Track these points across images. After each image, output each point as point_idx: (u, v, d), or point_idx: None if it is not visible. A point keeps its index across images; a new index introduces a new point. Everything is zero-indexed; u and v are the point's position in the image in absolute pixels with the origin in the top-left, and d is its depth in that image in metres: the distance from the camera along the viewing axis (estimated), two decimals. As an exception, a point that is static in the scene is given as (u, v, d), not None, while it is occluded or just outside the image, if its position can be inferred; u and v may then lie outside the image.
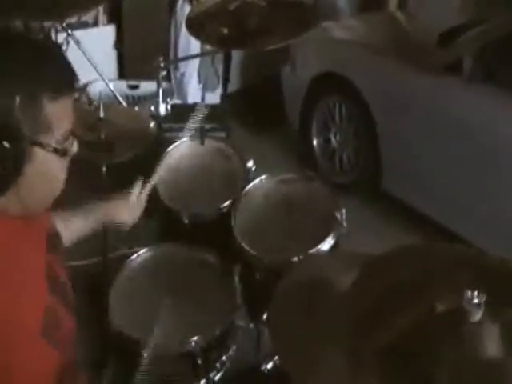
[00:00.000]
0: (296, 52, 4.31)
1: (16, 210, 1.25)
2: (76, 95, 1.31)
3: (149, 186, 1.96)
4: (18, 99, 1.14)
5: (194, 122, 2.16)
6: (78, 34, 3.69)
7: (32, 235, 1.33)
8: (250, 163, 2.40)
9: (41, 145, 1.19)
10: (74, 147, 1.30)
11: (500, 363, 1.17)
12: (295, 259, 2.02)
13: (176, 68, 4.69)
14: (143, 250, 2.14)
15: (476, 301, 1.21)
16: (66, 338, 1.32)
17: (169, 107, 2.79)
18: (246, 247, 2.10)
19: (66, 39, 3.60)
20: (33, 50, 1.23)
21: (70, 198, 1.59)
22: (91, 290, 2.05)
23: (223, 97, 4.71)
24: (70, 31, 3.53)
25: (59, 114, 1.21)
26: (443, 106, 3.52)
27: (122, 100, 3.48)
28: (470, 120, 3.42)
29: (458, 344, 1.20)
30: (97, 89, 4.24)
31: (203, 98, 4.75)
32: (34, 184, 1.23)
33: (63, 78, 1.24)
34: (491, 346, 1.20)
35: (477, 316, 1.21)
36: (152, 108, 2.77)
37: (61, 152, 1.23)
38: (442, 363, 1.19)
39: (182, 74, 4.69)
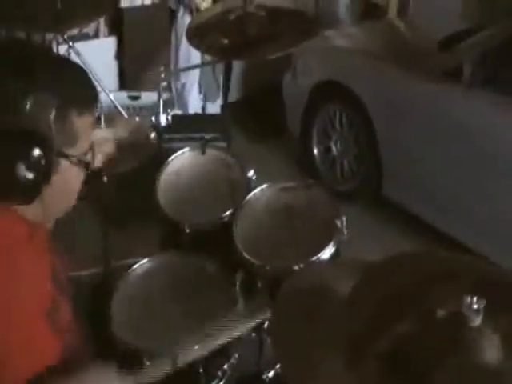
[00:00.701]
0: (297, 60, 4.33)
1: (38, 217, 1.34)
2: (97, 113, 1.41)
3: None
4: (53, 112, 1.24)
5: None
6: (79, 45, 3.71)
7: (36, 238, 1.36)
8: (251, 172, 2.41)
9: (67, 156, 1.29)
10: (97, 161, 1.43)
11: (499, 368, 1.17)
12: (296, 267, 2.03)
13: (177, 78, 4.71)
14: (144, 260, 2.14)
15: (475, 306, 1.22)
16: (65, 326, 1.36)
17: (169, 118, 2.79)
18: (247, 256, 2.11)
19: (68, 51, 3.61)
20: (59, 65, 1.34)
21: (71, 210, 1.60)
22: (93, 300, 2.05)
23: (224, 107, 4.73)
24: (71, 43, 3.55)
25: (84, 128, 1.32)
26: (443, 111, 3.53)
27: (122, 111, 3.49)
28: (470, 125, 3.43)
29: (458, 349, 1.21)
30: (98, 100, 4.26)
31: (204, 109, 4.78)
32: (57, 193, 1.32)
33: (89, 95, 1.35)
34: (490, 351, 1.20)
35: (476, 321, 1.22)
36: (153, 118, 2.78)
37: (83, 164, 1.33)
38: (442, 369, 1.19)
39: (183, 85, 4.70)
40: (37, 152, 1.22)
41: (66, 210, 1.43)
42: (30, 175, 1.22)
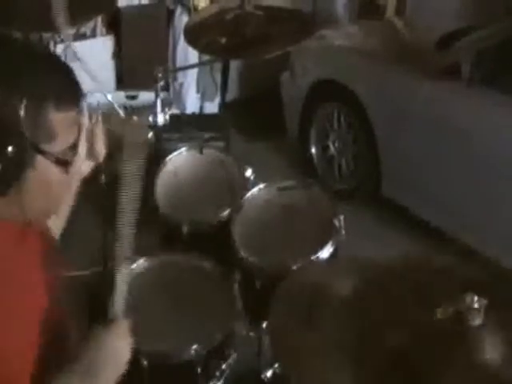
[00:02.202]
0: (295, 59, 4.33)
1: (16, 214, 1.26)
2: (82, 110, 1.31)
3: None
4: (23, 105, 1.16)
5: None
6: (77, 45, 3.70)
7: (29, 242, 1.33)
8: (249, 172, 2.41)
9: (43, 153, 1.21)
10: (86, 167, 1.37)
11: (500, 367, 1.17)
12: (294, 266, 2.02)
13: (174, 78, 4.71)
14: (142, 260, 2.14)
15: (476, 305, 1.21)
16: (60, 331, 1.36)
17: (167, 117, 2.79)
18: (246, 255, 2.11)
19: (65, 51, 3.60)
20: (38, 59, 1.26)
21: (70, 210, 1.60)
22: (91, 300, 2.05)
23: (222, 106, 4.73)
24: (68, 43, 3.54)
25: (64, 124, 1.23)
26: (441, 110, 3.53)
27: (120, 110, 3.48)
28: (468, 124, 3.42)
29: (459, 348, 1.20)
30: (95, 100, 4.26)
31: (202, 108, 4.77)
32: (35, 191, 1.24)
33: (68, 89, 1.26)
34: (491, 350, 1.20)
35: (477, 320, 1.22)
36: (150, 118, 2.78)
37: (62, 163, 1.24)
38: (444, 368, 1.19)
39: (181, 84, 4.70)
40: (8, 145, 1.15)
41: (51, 212, 1.36)
42: None
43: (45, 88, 1.21)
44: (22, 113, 1.16)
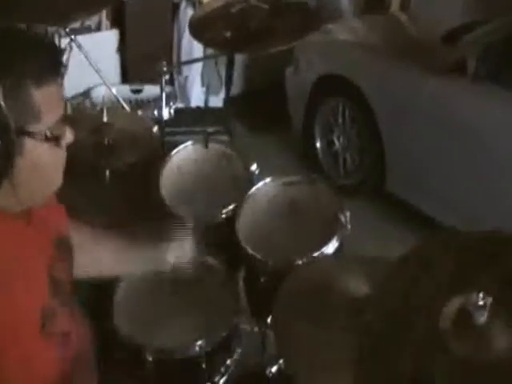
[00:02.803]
0: (299, 54, 4.31)
1: (12, 205, 1.23)
2: (62, 81, 1.24)
3: None
4: (1, 87, 1.11)
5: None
6: (82, 38, 3.69)
7: (34, 236, 1.32)
8: (254, 166, 2.40)
9: (30, 134, 1.16)
10: (69, 135, 1.26)
11: (506, 365, 1.16)
12: (299, 262, 2.02)
13: (179, 72, 4.70)
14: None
15: (481, 303, 1.21)
16: (65, 337, 1.32)
17: (172, 111, 2.78)
18: (250, 250, 2.10)
19: (69, 44, 3.60)
20: (14, 37, 1.21)
21: (75, 202, 1.59)
22: (95, 296, 2.05)
23: (226, 100, 4.71)
24: (73, 36, 3.53)
25: (47, 101, 1.18)
26: (447, 105, 3.52)
27: (125, 104, 3.48)
28: (474, 120, 3.41)
29: (464, 347, 1.20)
30: (100, 93, 4.26)
31: (206, 102, 4.76)
32: (29, 177, 1.20)
33: (47, 64, 1.20)
34: (497, 348, 1.19)
35: (482, 318, 1.21)
36: (155, 112, 2.77)
37: (52, 140, 1.20)
38: (447, 366, 1.18)
39: (185, 78, 4.69)
40: None
41: (49, 192, 1.31)
42: None
43: (22, 66, 1.15)
44: (1, 96, 1.10)
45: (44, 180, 1.26)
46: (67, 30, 3.54)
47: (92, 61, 3.48)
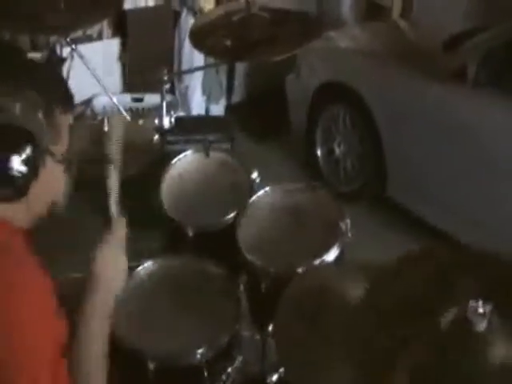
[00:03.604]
0: (301, 61, 4.33)
1: (22, 217, 1.35)
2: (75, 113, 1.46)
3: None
4: (42, 110, 1.29)
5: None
6: (83, 47, 3.71)
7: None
8: (255, 174, 2.41)
9: (51, 154, 1.33)
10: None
11: (504, 372, 1.16)
12: (300, 269, 2.02)
13: (180, 80, 4.71)
14: (148, 262, 2.14)
15: (481, 310, 1.21)
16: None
17: (173, 120, 2.79)
18: (251, 258, 2.10)
19: (71, 53, 3.61)
20: (38, 68, 1.43)
21: (74, 211, 1.59)
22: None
23: (227, 108, 4.73)
24: (74, 46, 3.55)
25: (65, 126, 1.37)
26: (448, 112, 3.52)
27: (125, 113, 3.49)
28: (474, 126, 3.42)
29: (463, 354, 1.20)
30: (101, 102, 4.27)
31: (207, 110, 4.77)
32: (41, 192, 1.34)
33: (68, 94, 1.41)
34: (496, 355, 1.19)
35: (482, 326, 1.21)
36: (156, 121, 2.78)
37: (66, 162, 1.37)
38: (448, 373, 1.18)
39: (186, 87, 4.71)
40: (29, 147, 1.26)
41: (47, 208, 1.43)
42: (23, 168, 1.26)
43: (53, 94, 1.34)
44: (42, 119, 1.29)
45: (50, 197, 1.41)
46: (68, 39, 3.55)
47: (93, 70, 3.49)
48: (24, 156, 1.25)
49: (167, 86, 2.83)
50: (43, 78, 1.36)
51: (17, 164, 1.25)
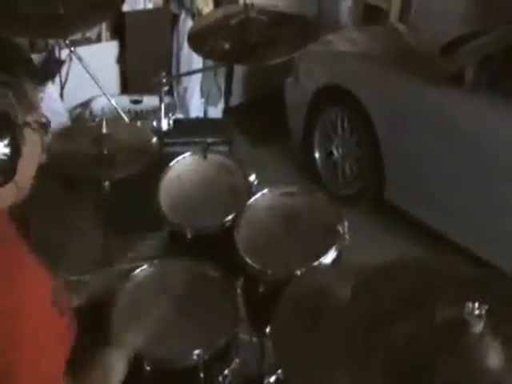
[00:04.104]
0: (299, 64, 4.33)
1: (12, 195, 1.33)
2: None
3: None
4: (10, 91, 1.27)
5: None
6: (81, 50, 3.71)
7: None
8: (253, 177, 2.41)
9: (29, 124, 1.31)
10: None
11: (500, 375, 1.17)
12: (298, 272, 2.02)
13: (178, 83, 4.72)
14: (146, 265, 2.14)
15: (477, 312, 1.21)
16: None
17: (171, 122, 2.79)
18: (249, 260, 2.11)
19: (70, 56, 3.62)
20: (9, 48, 1.38)
21: (73, 213, 1.60)
22: (93, 305, 2.05)
23: (225, 111, 4.73)
24: (72, 48, 3.55)
25: (35, 96, 1.35)
26: (446, 116, 3.53)
27: (124, 115, 3.49)
28: (472, 130, 3.42)
29: (459, 355, 1.20)
30: (100, 104, 4.27)
31: (205, 113, 4.78)
32: (26, 166, 1.32)
33: (36, 69, 1.41)
34: (492, 357, 1.19)
35: (477, 328, 1.21)
36: (154, 123, 2.78)
37: (45, 126, 1.35)
38: (443, 375, 1.19)
39: (185, 89, 4.71)
40: (9, 129, 1.25)
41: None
42: (7, 151, 1.24)
43: (21, 71, 1.32)
44: (12, 97, 1.26)
45: (33, 167, 1.38)
46: (67, 41, 3.55)
47: (92, 72, 3.49)
48: (6, 140, 1.24)
49: (166, 89, 2.84)
50: (5, 56, 1.33)
51: (1, 148, 1.24)
